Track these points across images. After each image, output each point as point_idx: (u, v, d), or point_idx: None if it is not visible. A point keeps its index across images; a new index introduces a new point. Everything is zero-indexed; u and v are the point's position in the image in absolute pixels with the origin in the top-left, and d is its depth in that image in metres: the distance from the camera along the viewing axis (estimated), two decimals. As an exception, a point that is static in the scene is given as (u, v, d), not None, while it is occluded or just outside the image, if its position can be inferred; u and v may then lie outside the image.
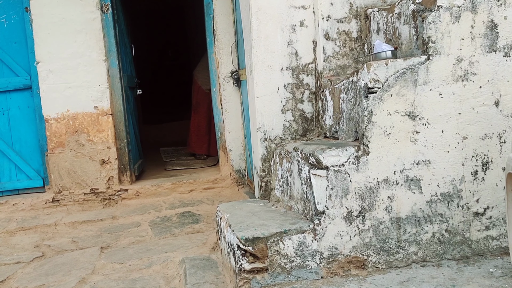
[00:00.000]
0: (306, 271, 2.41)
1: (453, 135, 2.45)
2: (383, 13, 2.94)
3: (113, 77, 4.99)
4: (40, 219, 4.48)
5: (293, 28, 3.25)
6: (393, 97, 2.40)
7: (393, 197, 2.45)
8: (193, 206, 4.56)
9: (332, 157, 2.42)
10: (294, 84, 3.28)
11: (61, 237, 4.04)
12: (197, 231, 3.84)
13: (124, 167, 5.06)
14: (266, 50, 3.24)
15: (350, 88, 2.67)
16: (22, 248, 3.83)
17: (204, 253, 3.23)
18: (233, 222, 2.64)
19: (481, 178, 2.49)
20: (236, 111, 5.01)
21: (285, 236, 2.41)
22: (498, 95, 2.46)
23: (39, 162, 5.06)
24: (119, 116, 5.05)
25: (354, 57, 3.25)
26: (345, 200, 2.43)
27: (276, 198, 3.12)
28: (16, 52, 4.96)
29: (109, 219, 4.40)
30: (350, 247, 2.44)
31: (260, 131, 3.27)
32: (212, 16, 5.01)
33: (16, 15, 4.94)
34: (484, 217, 2.49)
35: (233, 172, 5.03)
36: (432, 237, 2.47)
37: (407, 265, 2.46)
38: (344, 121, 2.77)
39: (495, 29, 2.44)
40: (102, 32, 4.89)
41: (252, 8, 3.21)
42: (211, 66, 5.18)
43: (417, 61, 2.41)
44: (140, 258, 3.32)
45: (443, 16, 2.41)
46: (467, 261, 2.46)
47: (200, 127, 6.40)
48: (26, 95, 5.01)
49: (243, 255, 2.40)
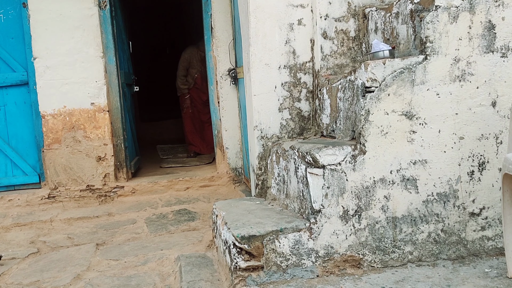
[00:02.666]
0: (301, 269, 2.41)
1: (450, 135, 2.45)
2: (381, 13, 2.94)
3: (110, 73, 4.97)
4: (36, 215, 4.47)
5: (291, 27, 3.25)
6: (390, 96, 2.40)
7: (389, 196, 2.45)
8: (189, 203, 4.55)
9: (329, 156, 2.42)
10: (292, 82, 3.28)
11: (56, 234, 4.03)
12: (193, 229, 3.84)
13: (121, 164, 5.05)
14: (264, 48, 3.23)
15: (347, 87, 2.67)
16: (18, 244, 3.82)
17: (200, 251, 3.22)
18: (229, 220, 2.64)
19: (477, 178, 2.49)
20: (233, 109, 5.00)
21: (281, 235, 2.41)
22: (495, 95, 2.46)
23: (35, 158, 5.05)
24: (116, 113, 5.04)
25: (352, 56, 3.24)
26: (341, 199, 2.43)
27: (272, 196, 3.12)
28: (13, 48, 4.94)
29: (105, 215, 4.39)
30: (346, 246, 2.44)
31: (257, 129, 3.27)
32: (210, 13, 5.01)
33: (13, 10, 4.92)
34: (480, 218, 2.50)
35: (230, 170, 5.02)
36: (428, 237, 2.47)
37: (402, 264, 2.46)
38: (341, 120, 2.77)
39: (492, 30, 2.44)
40: (100, 28, 4.87)
41: (250, 6, 3.20)
42: (209, 63, 5.18)
43: (414, 61, 2.41)
44: (135, 255, 3.32)
45: (441, 16, 2.41)
46: (463, 261, 2.46)
47: (186, 127, 6.83)
48: (23, 90, 4.99)
49: (239, 253, 2.39)
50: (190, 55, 6.57)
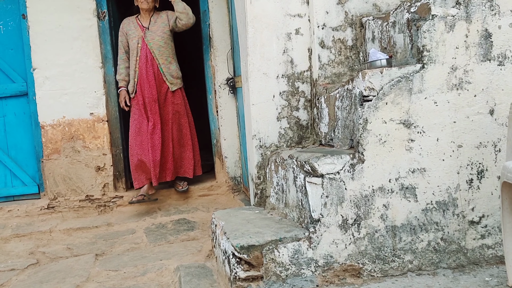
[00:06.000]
0: (301, 279, 2.40)
1: (448, 144, 2.45)
2: (378, 22, 2.95)
3: (109, 83, 4.99)
4: (35, 226, 4.46)
5: (289, 36, 3.26)
6: (388, 105, 2.40)
7: (388, 205, 2.45)
8: (188, 213, 4.54)
9: (327, 165, 2.42)
10: (290, 91, 3.29)
11: (56, 244, 4.02)
12: (192, 239, 3.83)
13: (120, 174, 5.05)
14: (262, 57, 3.24)
15: (345, 96, 2.68)
16: (17, 255, 3.81)
17: (199, 261, 3.22)
18: (228, 230, 2.63)
19: (476, 186, 2.49)
20: (231, 118, 5.01)
21: (280, 244, 2.40)
22: (493, 103, 2.47)
23: (34, 169, 5.05)
24: (115, 123, 5.04)
25: (349, 65, 3.26)
26: (340, 208, 2.42)
27: (271, 205, 3.12)
28: (12, 59, 4.96)
29: (104, 226, 4.38)
30: (346, 255, 2.44)
31: (256, 138, 3.27)
32: (208, 23, 5.03)
33: (13, 21, 4.94)
34: (479, 226, 2.49)
35: (229, 179, 5.02)
36: (428, 245, 2.47)
37: (402, 273, 2.45)
38: (339, 128, 2.78)
39: (489, 38, 2.45)
40: (99, 39, 4.89)
41: (248, 16, 3.22)
42: (207, 73, 5.19)
43: (412, 70, 2.42)
44: (135, 266, 3.31)
45: (437, 25, 2.42)
46: (463, 269, 2.45)
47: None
48: (22, 101, 5.00)
49: (238, 263, 2.39)
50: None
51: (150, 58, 4.69)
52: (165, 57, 4.74)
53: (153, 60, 4.70)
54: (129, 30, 4.74)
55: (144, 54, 4.69)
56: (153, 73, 4.70)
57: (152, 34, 4.70)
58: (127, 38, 4.75)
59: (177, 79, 4.83)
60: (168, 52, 4.77)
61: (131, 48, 4.74)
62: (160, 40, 4.70)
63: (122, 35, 4.78)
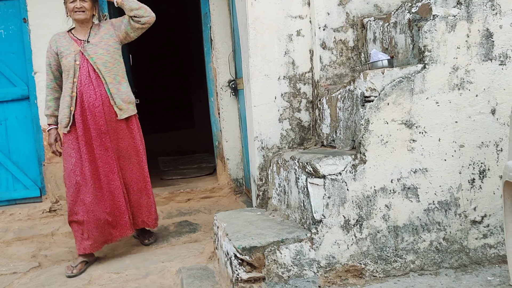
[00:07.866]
0: (303, 280, 2.40)
1: (450, 144, 2.45)
2: (379, 23, 2.95)
3: (110, 86, 4.98)
4: (37, 229, 4.46)
5: (290, 38, 3.26)
6: (389, 105, 2.40)
7: (390, 205, 2.44)
8: (191, 215, 4.54)
9: (329, 166, 2.42)
10: (291, 93, 3.29)
11: (57, 247, 4.02)
12: (194, 240, 3.83)
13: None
14: (263, 59, 3.25)
15: (347, 97, 2.68)
16: (19, 258, 3.81)
17: (201, 263, 3.21)
18: (230, 231, 2.63)
19: (478, 186, 2.49)
20: (233, 120, 5.01)
21: (282, 245, 2.40)
22: (494, 103, 2.47)
23: (36, 172, 5.05)
24: (117, 125, 5.03)
25: (351, 66, 3.26)
26: (342, 208, 2.42)
27: (273, 207, 3.12)
28: (14, 63, 4.96)
29: (106, 229, 4.37)
30: (348, 256, 2.43)
31: (257, 140, 3.27)
32: (210, 25, 5.04)
33: (14, 26, 4.95)
34: (481, 225, 2.49)
35: (231, 181, 5.02)
36: (430, 245, 2.47)
37: (405, 273, 2.45)
38: (341, 129, 2.78)
39: (490, 38, 2.45)
40: (100, 42, 4.89)
41: (249, 18, 3.22)
42: (209, 75, 5.20)
43: (413, 70, 2.42)
44: (137, 268, 3.31)
45: (438, 25, 2.42)
46: (465, 269, 2.45)
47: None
48: (23, 105, 5.01)
49: (240, 264, 2.39)
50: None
51: (94, 77, 3.51)
52: (113, 75, 3.57)
53: (98, 79, 3.52)
54: (61, 47, 3.58)
55: (85, 72, 3.50)
56: (100, 96, 3.51)
57: (93, 48, 3.54)
58: (59, 57, 3.57)
59: (129, 104, 3.65)
60: (117, 69, 3.60)
61: (65, 69, 3.53)
62: (105, 54, 3.54)
63: (51, 55, 3.61)
